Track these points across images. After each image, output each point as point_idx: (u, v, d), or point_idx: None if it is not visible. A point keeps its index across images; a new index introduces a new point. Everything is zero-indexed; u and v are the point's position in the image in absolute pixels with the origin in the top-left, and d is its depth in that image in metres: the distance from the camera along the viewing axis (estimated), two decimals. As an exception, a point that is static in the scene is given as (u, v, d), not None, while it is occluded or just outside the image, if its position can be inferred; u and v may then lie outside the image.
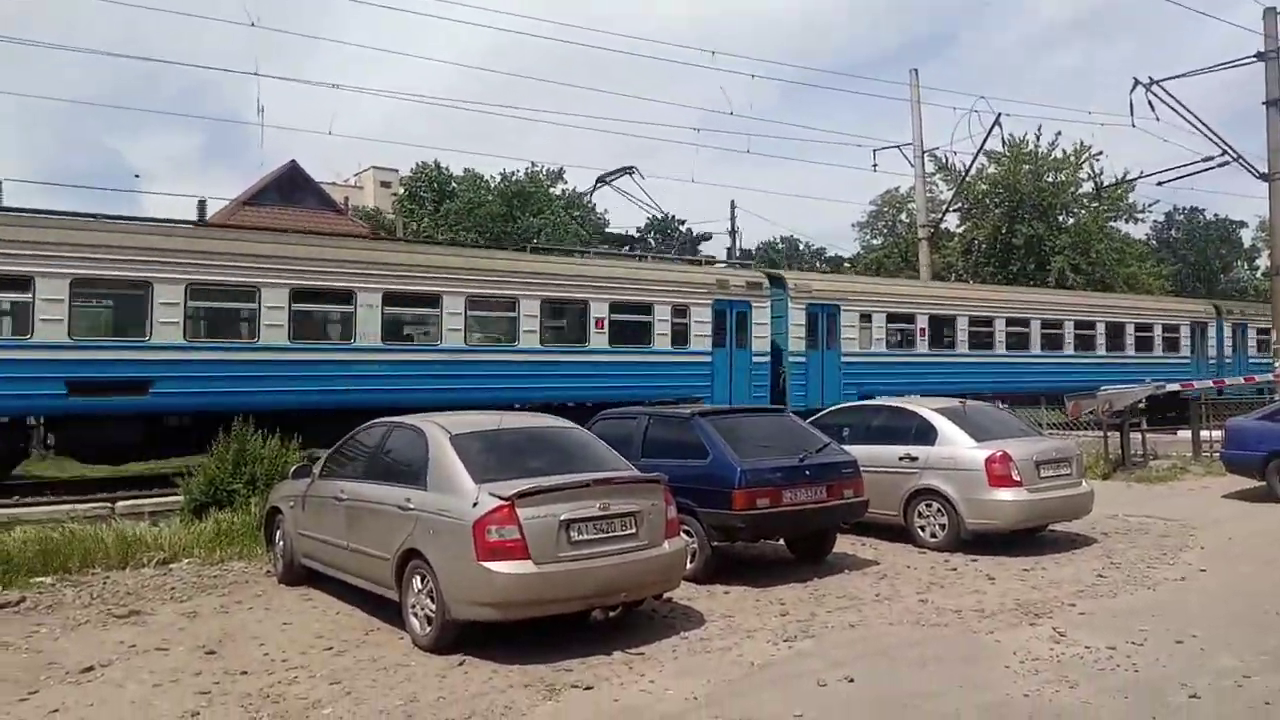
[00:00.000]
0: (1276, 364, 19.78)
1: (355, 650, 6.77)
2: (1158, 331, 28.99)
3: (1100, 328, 27.58)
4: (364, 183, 74.60)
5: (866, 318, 22.76)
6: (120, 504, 11.95)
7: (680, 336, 19.77)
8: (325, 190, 38.35)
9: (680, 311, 19.78)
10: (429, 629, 6.73)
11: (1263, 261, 68.11)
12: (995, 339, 25.26)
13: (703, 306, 19.99)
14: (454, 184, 52.84)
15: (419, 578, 6.88)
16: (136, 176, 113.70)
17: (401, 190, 56.92)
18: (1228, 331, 31.14)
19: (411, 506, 7.05)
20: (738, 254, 50.39)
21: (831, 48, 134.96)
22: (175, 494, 12.21)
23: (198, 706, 5.64)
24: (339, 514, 8.01)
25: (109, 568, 9.37)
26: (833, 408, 13.58)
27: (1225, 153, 20.86)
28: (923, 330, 23.73)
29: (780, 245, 69.10)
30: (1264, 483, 13.53)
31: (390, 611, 7.35)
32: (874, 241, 58.53)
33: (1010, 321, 25.54)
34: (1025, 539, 10.46)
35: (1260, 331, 30.73)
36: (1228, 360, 30.63)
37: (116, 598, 8.33)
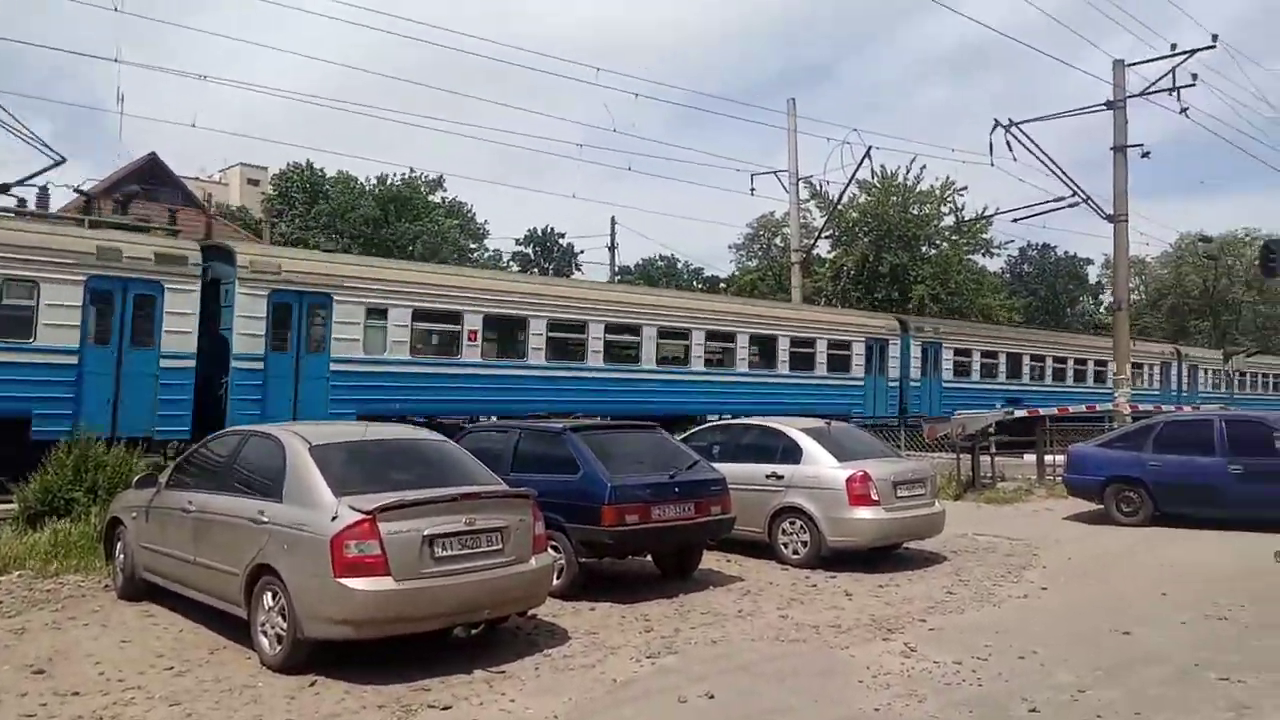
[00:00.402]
0: (1117, 394, 21.12)
1: (199, 670, 6.42)
2: (821, 348, 25.11)
3: (741, 340, 23.32)
4: (230, 179, 71.54)
5: (377, 313, 17.33)
6: (-59, 512, 10.99)
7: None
8: (187, 185, 36.58)
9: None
10: (279, 648, 6.45)
11: (1106, 297, 73.18)
12: (588, 349, 20.38)
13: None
14: (327, 186, 51.32)
15: (270, 594, 6.59)
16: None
17: (270, 189, 54.89)
18: (916, 350, 27.71)
19: (265, 520, 6.75)
20: (617, 270, 50.72)
21: (714, 73, 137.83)
22: (7, 501, 11.38)
23: (18, 732, 5.24)
24: (186, 526, 7.61)
25: (-75, 581, 8.63)
26: (704, 426, 13.78)
27: (1075, 194, 22.20)
28: (473, 333, 18.55)
29: (660, 263, 69.93)
30: (1102, 506, 14.41)
31: (239, 629, 7.01)
32: (750, 263, 59.99)
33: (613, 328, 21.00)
34: (882, 556, 10.83)
35: (959, 353, 29.20)
36: (914, 383, 27.57)
37: (-68, 614, 7.67)
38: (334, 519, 6.31)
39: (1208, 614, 8.35)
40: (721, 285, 58.39)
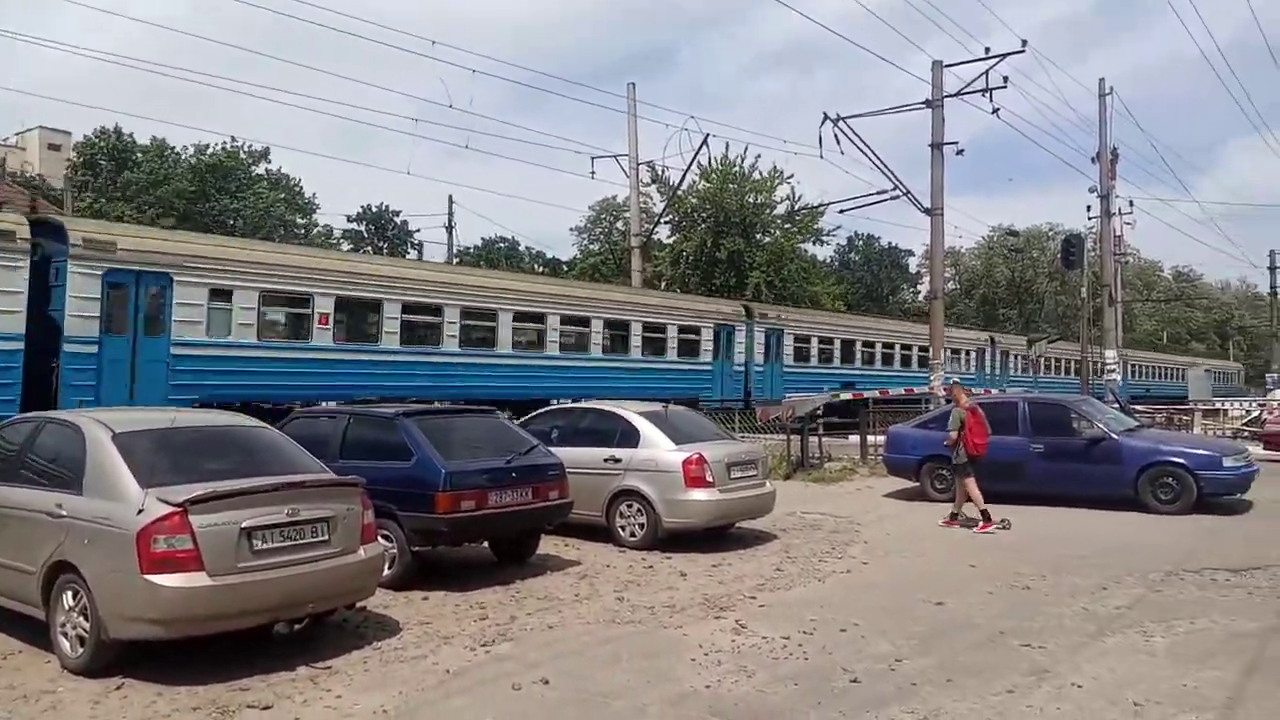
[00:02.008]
0: (931, 378, 22.40)
1: (-15, 680, 5.87)
2: (672, 334, 25.80)
3: (596, 325, 23.61)
4: (27, 144, 65.52)
5: (221, 295, 16.60)
6: None
7: None
8: (-23, 148, 33.24)
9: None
10: (81, 650, 6.01)
11: (924, 285, 77.60)
12: (443, 333, 20.12)
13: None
14: (138, 154, 47.86)
15: (71, 593, 6.11)
16: None
17: (74, 156, 50.70)
18: (760, 337, 28.75)
19: (64, 513, 6.24)
20: (456, 251, 49.74)
21: (556, 54, 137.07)
22: None
23: None
24: (-29, 522, 6.92)
25: None
26: (543, 410, 13.70)
27: (897, 187, 23.36)
28: (324, 316, 17.99)
29: (501, 244, 69.10)
30: (919, 483, 15.27)
31: (35, 631, 6.47)
32: (591, 247, 60.13)
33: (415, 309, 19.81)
34: (715, 536, 11.10)
35: (798, 339, 30.75)
36: (758, 367, 28.54)
37: None
38: (140, 512, 5.88)
39: (1012, 584, 8.97)
40: (564, 268, 58.33)
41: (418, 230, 63.71)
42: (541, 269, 62.40)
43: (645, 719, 5.40)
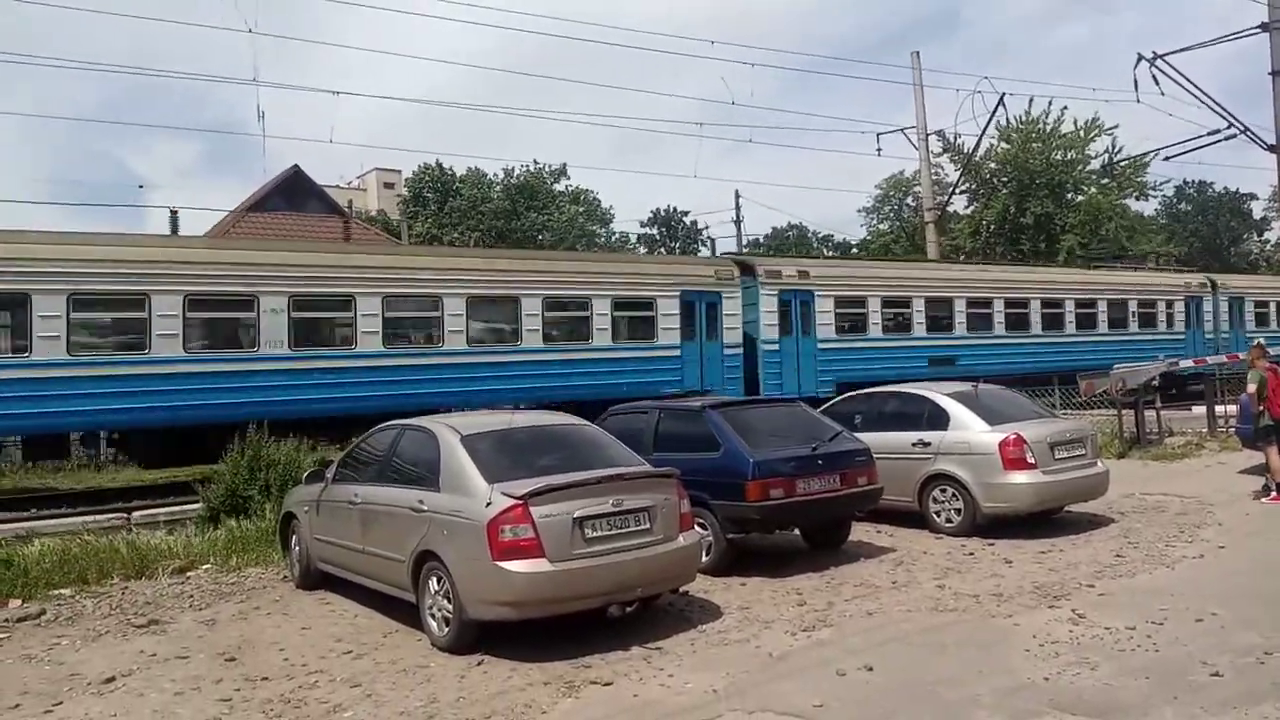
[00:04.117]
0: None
1: (374, 653, 6.79)
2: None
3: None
4: (367, 185, 74.68)
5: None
6: (136, 514, 12.00)
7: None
8: (329, 194, 38.36)
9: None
10: (447, 630, 6.74)
11: (1273, 233, 67.73)
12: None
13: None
14: (458, 183, 52.90)
15: (435, 579, 6.88)
16: (140, 187, 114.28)
17: (405, 191, 56.97)
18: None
19: (425, 508, 7.06)
20: (744, 244, 50.31)
21: (832, 33, 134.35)
22: (187, 502, 12.28)
23: (219, 713, 5.66)
24: (353, 518, 8.03)
25: (127, 577, 9.41)
26: (844, 395, 13.52)
27: (1232, 125, 20.74)
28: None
29: (790, 233, 69.00)
30: (1282, 456, 13.38)
31: (407, 613, 7.37)
32: (881, 226, 58.41)
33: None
34: (1042, 521, 10.41)
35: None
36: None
37: (135, 607, 8.37)
38: (488, 505, 6.53)
39: None
40: (854, 250, 57.10)
41: (706, 228, 65.28)
42: (830, 253, 61.47)
43: (979, 710, 5.20)
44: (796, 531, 9.94)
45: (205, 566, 9.79)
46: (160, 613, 8.16)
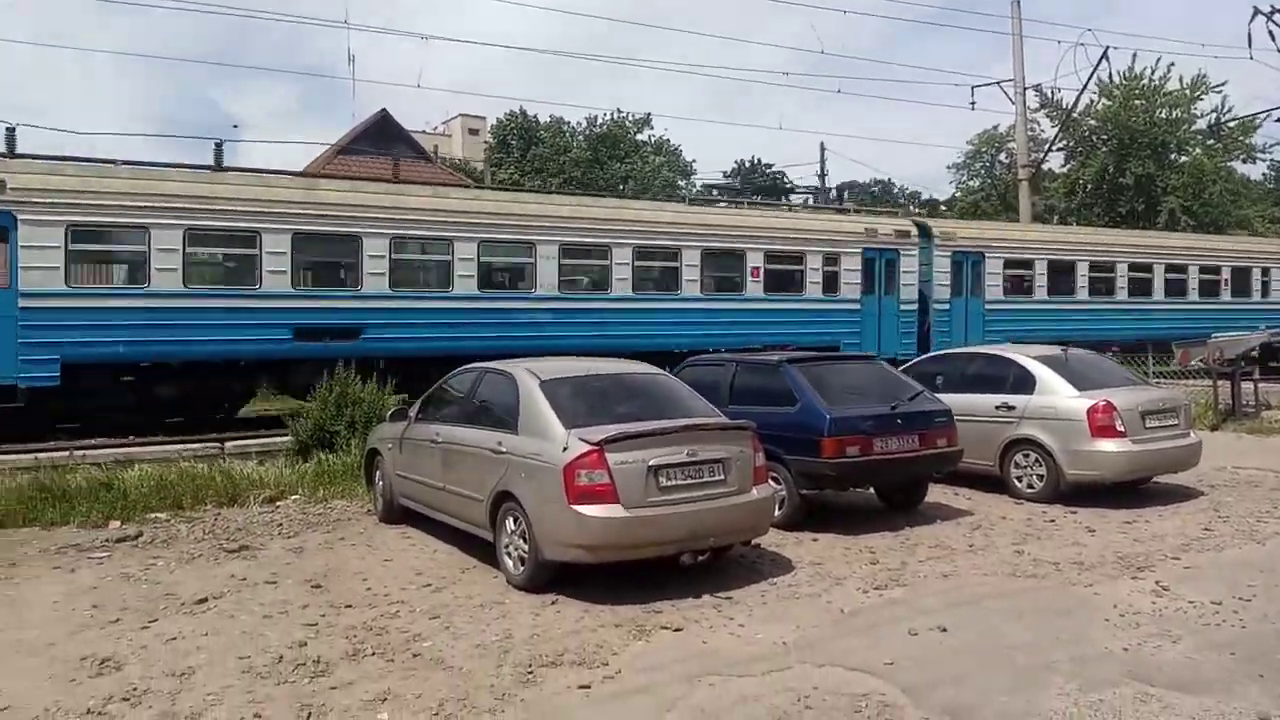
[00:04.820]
0: None
1: (452, 587, 7.00)
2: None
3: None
4: (452, 131, 75.26)
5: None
6: (229, 444, 12.49)
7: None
8: (415, 139, 38.78)
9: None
10: (522, 569, 6.90)
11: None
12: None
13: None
14: (541, 131, 52.93)
15: (512, 519, 7.04)
16: (235, 127, 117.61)
17: (489, 138, 57.25)
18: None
19: (504, 450, 7.20)
20: (828, 198, 49.42)
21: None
22: (278, 435, 12.73)
23: (305, 637, 5.91)
24: (434, 456, 8.24)
25: (219, 504, 9.86)
26: (926, 355, 13.29)
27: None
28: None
29: (874, 188, 67.48)
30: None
31: (484, 551, 7.56)
32: (971, 183, 56.64)
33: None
34: (1128, 491, 10.14)
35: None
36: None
37: (227, 533, 8.77)
38: (564, 449, 6.62)
39: None
40: (943, 208, 55.59)
41: (789, 183, 64.16)
42: (919, 209, 59.95)
43: (1055, 676, 5.12)
44: (871, 490, 9.87)
45: (294, 497, 10.18)
46: (250, 539, 8.53)
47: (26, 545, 8.43)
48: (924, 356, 12.96)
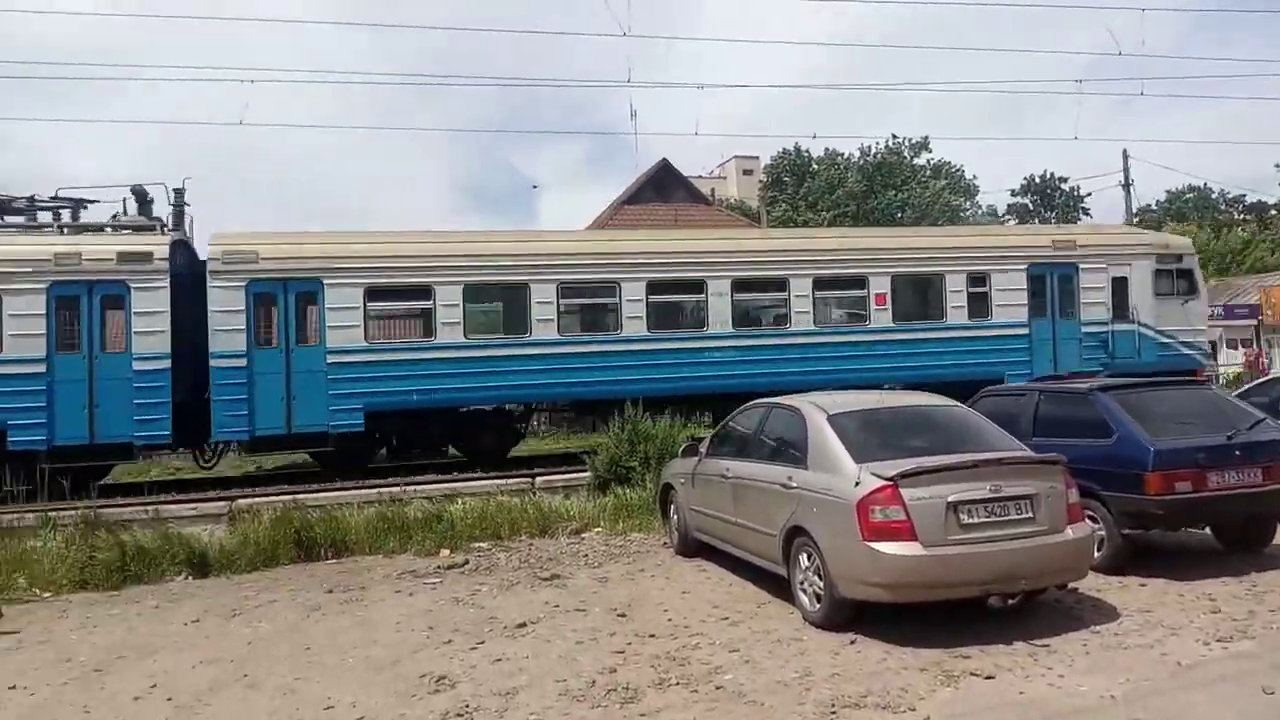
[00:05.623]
0: None
1: (749, 622, 7.07)
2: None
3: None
4: (727, 173, 77.07)
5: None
6: (539, 479, 13.42)
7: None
8: (693, 184, 40.09)
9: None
10: (819, 606, 6.84)
11: None
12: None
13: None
14: (814, 165, 52.92)
15: (805, 554, 7.01)
16: (534, 187, 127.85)
17: (764, 177, 58.01)
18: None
19: (794, 485, 7.20)
20: (1134, 209, 45.19)
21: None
22: (579, 470, 13.52)
23: (615, 664, 6.21)
24: (725, 491, 8.40)
25: (532, 535, 10.67)
26: (1260, 380, 11.76)
27: None
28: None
29: (1188, 195, 61.01)
30: None
31: (778, 586, 7.58)
32: (1312, 180, 49.67)
33: None
34: None
35: None
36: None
37: (540, 562, 9.44)
38: (857, 484, 6.51)
39: None
40: (1273, 213, 49.11)
41: (1088, 195, 59.43)
42: (1242, 215, 53.36)
43: None
44: (1207, 530, 8.84)
45: (596, 530, 10.79)
46: (560, 568, 9.11)
47: (373, 570, 9.55)
48: (1259, 381, 11.44)
